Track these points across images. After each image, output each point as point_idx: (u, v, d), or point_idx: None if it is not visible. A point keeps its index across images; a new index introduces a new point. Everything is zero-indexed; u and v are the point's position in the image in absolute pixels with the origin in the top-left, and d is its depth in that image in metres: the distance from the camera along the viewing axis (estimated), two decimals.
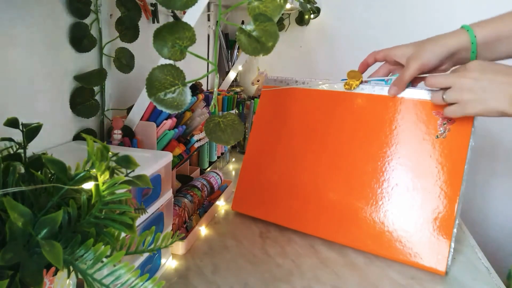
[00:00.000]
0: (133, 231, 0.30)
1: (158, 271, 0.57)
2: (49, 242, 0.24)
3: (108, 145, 0.31)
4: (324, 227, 0.68)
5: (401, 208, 0.63)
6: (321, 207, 0.69)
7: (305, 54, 1.36)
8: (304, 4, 1.14)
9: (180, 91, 0.41)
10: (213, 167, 1.01)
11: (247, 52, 0.41)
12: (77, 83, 0.64)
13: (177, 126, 0.75)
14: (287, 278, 0.58)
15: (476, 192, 1.31)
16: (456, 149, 0.61)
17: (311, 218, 0.69)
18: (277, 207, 0.73)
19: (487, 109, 0.54)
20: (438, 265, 0.59)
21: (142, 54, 0.76)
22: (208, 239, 0.68)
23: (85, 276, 0.25)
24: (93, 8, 0.65)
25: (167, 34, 0.40)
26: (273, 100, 0.79)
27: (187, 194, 0.72)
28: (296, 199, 0.71)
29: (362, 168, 0.67)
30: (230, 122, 0.44)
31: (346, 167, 0.69)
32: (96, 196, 0.29)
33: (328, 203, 0.69)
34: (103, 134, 0.72)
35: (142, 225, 0.50)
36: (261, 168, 0.77)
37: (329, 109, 0.72)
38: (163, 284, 0.26)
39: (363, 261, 0.63)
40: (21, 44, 0.53)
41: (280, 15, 0.41)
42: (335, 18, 1.30)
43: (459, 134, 0.61)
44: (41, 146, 0.58)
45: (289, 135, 0.76)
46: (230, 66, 1.25)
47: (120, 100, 0.77)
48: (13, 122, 0.34)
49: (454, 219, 0.59)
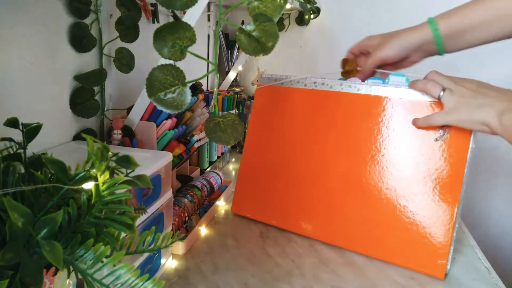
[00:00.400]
0: (133, 231, 0.30)
1: (158, 271, 0.57)
2: (49, 242, 0.24)
3: (108, 145, 0.31)
4: (322, 229, 0.68)
5: (400, 211, 0.62)
6: (318, 209, 0.69)
7: (305, 54, 1.36)
8: (304, 4, 1.14)
9: (180, 91, 0.41)
10: (213, 167, 1.01)
11: (247, 52, 0.41)
12: (77, 83, 0.64)
13: (177, 126, 0.75)
14: (287, 278, 0.58)
15: (476, 192, 1.31)
16: (456, 151, 0.60)
17: (308, 220, 0.69)
18: (274, 209, 0.72)
19: (472, 119, 0.54)
20: (437, 270, 0.58)
21: (142, 54, 0.76)
22: (208, 239, 0.68)
23: (85, 276, 0.25)
24: (93, 8, 0.65)
25: (167, 34, 0.40)
26: (268, 99, 0.78)
27: (187, 194, 0.72)
28: (293, 201, 0.71)
29: (359, 170, 0.66)
30: (230, 122, 0.44)
31: (343, 169, 0.68)
32: (96, 196, 0.29)
33: (325, 205, 0.68)
34: (103, 134, 0.72)
35: (142, 225, 0.50)
36: (258, 169, 0.76)
37: (325, 109, 0.71)
38: (163, 284, 0.26)
39: (363, 261, 0.63)
40: (21, 44, 0.53)
41: (280, 15, 0.41)
42: (335, 18, 1.30)
43: (459, 136, 0.60)
44: (41, 146, 0.58)
45: (284, 135, 0.74)
46: (230, 66, 1.25)
47: (120, 100, 0.77)
48: (13, 122, 0.34)
49: (454, 224, 0.58)
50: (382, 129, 0.66)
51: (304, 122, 0.73)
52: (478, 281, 0.59)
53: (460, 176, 0.59)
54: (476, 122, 0.54)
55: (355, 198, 0.66)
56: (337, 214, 0.67)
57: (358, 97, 0.68)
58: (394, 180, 0.63)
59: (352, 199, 0.66)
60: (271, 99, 0.77)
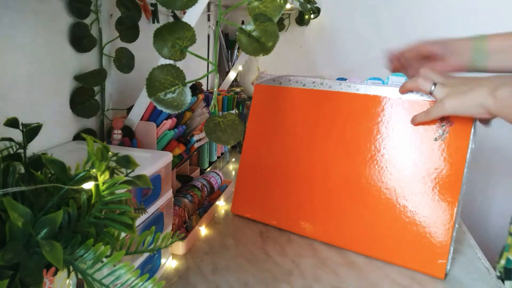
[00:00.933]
0: (133, 231, 0.30)
1: (158, 271, 0.57)
2: (49, 242, 0.24)
3: (108, 145, 0.31)
4: (322, 229, 0.68)
5: (400, 211, 0.62)
6: (318, 209, 0.69)
7: (305, 54, 1.36)
8: (304, 4, 1.14)
9: (180, 91, 0.41)
10: (213, 167, 1.01)
11: (247, 52, 0.41)
12: (77, 83, 0.64)
13: (177, 126, 0.75)
14: (287, 278, 0.58)
15: (476, 192, 1.31)
16: (456, 151, 0.60)
17: (308, 220, 0.69)
18: (274, 209, 0.72)
19: (467, 103, 0.54)
20: (437, 270, 0.59)
21: (142, 54, 0.76)
22: (208, 239, 0.68)
23: (85, 276, 0.25)
24: (93, 8, 0.65)
25: (167, 34, 0.40)
26: (267, 99, 0.77)
27: (187, 194, 0.72)
28: (293, 201, 0.71)
29: (359, 170, 0.66)
30: (230, 122, 0.44)
31: (343, 169, 0.68)
32: (96, 196, 0.29)
33: (324, 205, 0.68)
34: (103, 134, 0.72)
35: (142, 225, 0.50)
36: (258, 169, 0.76)
37: (324, 109, 0.71)
38: (163, 284, 0.26)
39: (363, 261, 0.63)
40: (21, 44, 0.53)
41: (280, 15, 0.41)
42: (335, 18, 1.30)
43: (459, 136, 0.60)
44: (41, 146, 0.58)
45: (283, 135, 0.74)
46: (230, 66, 1.25)
47: (120, 100, 0.77)
48: (13, 122, 0.34)
49: (453, 223, 0.58)
50: (382, 129, 0.65)
51: (303, 122, 0.73)
52: (478, 281, 0.59)
53: (459, 176, 0.59)
54: (471, 106, 0.54)
55: (355, 197, 0.66)
56: (337, 214, 0.67)
57: (357, 96, 0.68)
58: (394, 180, 0.63)
59: (351, 198, 0.66)
60: (270, 99, 0.77)
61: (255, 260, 0.62)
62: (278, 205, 0.72)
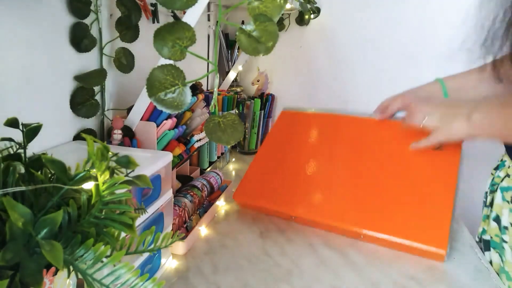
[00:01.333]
0: (133, 231, 0.30)
1: (158, 271, 0.57)
2: (49, 242, 0.24)
3: (108, 145, 0.31)
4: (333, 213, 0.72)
5: (403, 191, 0.70)
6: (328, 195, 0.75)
7: (305, 54, 1.36)
8: (304, 4, 1.14)
9: (180, 91, 0.41)
10: (213, 167, 1.01)
11: (247, 52, 0.41)
12: (77, 83, 0.64)
13: (177, 126, 0.75)
14: (287, 278, 0.58)
15: (476, 192, 1.31)
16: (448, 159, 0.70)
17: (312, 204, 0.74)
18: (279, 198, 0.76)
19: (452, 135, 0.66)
20: (440, 244, 0.62)
21: (142, 54, 0.76)
22: (208, 239, 0.68)
23: (85, 276, 0.25)
24: (93, 8, 0.65)
25: (167, 34, 0.40)
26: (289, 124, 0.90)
27: (187, 194, 0.72)
28: (299, 187, 0.77)
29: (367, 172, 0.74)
30: (230, 122, 0.44)
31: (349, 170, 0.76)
32: (96, 196, 0.29)
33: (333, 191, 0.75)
34: (103, 134, 0.72)
35: (142, 225, 0.50)
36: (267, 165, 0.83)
37: (336, 133, 0.83)
38: (163, 284, 0.26)
39: (363, 261, 0.63)
40: (21, 44, 0.53)
41: (280, 15, 0.41)
42: (335, 18, 1.30)
43: (450, 144, 0.70)
44: (41, 146, 0.58)
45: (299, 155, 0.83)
46: (230, 66, 1.25)
47: (120, 100, 0.77)
48: (13, 122, 0.34)
49: (453, 199, 0.66)
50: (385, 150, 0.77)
51: (319, 145, 0.83)
52: (478, 281, 0.59)
53: (453, 183, 0.68)
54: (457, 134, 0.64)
55: (362, 180, 0.74)
56: (348, 197, 0.73)
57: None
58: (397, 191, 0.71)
59: (359, 181, 0.74)
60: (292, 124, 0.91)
61: (255, 260, 0.62)
62: (284, 192, 0.77)
